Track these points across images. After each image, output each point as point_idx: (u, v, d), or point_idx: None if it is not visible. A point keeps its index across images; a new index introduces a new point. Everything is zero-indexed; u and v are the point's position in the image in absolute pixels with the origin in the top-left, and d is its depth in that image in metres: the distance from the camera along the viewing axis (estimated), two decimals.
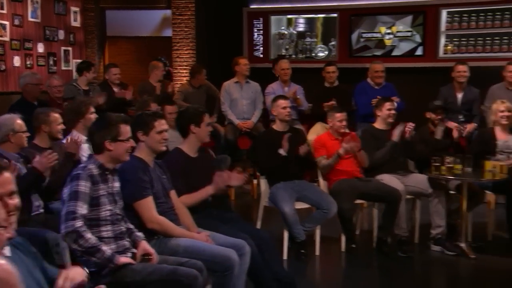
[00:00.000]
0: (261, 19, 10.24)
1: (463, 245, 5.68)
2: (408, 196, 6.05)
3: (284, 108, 5.84)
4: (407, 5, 9.65)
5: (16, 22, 9.11)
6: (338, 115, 6.02)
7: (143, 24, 11.11)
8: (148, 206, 3.72)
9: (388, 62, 9.17)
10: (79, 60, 10.19)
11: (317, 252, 5.73)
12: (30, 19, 9.44)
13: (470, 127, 7.21)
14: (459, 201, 5.88)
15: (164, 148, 4.03)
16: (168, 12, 10.65)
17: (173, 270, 3.33)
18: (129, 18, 11.09)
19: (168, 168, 4.13)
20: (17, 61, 9.14)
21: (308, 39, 10.25)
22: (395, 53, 9.70)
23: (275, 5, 10.30)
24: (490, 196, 6.59)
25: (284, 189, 5.64)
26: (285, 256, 5.60)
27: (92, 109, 5.52)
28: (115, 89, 7.81)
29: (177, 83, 9.84)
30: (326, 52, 10.13)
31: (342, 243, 5.84)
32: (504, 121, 6.26)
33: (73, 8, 10.44)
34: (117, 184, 3.60)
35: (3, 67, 8.86)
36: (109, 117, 3.61)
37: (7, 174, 2.05)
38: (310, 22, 10.30)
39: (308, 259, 5.67)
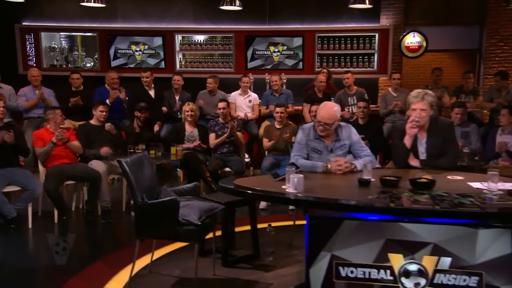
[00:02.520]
0: (32, 34, 9.59)
1: None
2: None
3: None
4: (151, 30, 9.63)
5: None
6: (57, 111, 5.85)
7: None
8: None
9: (136, 73, 9.20)
10: None
11: (30, 226, 5.42)
12: None
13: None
14: None
15: None
16: None
17: None
18: None
19: None
20: None
21: (75, 52, 9.83)
22: (144, 65, 9.59)
23: (45, 23, 9.72)
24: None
25: None
26: None
27: None
28: None
29: None
30: (92, 63, 9.79)
31: (55, 217, 5.61)
32: (189, 118, 6.51)
33: None
34: None
35: None
36: None
37: None
38: (76, 39, 9.89)
39: (22, 229, 5.35)
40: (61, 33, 9.78)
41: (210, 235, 3.89)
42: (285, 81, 8.41)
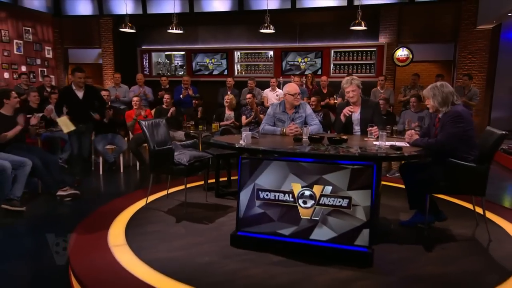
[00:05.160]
0: (147, 54, 10.29)
1: None
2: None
3: None
4: (219, 48, 9.85)
5: (6, 53, 9.05)
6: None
7: (89, 55, 10.96)
8: None
9: (208, 78, 9.54)
10: (52, 76, 10.19)
11: (121, 170, 5.91)
12: (16, 52, 9.35)
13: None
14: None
15: None
16: (100, 50, 10.62)
17: None
18: (80, 52, 10.92)
19: None
20: (6, 75, 9.06)
21: (173, 65, 10.39)
22: (214, 73, 9.97)
23: (154, 46, 10.35)
24: None
25: (100, 138, 5.83)
26: (101, 172, 5.75)
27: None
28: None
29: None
30: (183, 72, 10.24)
31: (137, 166, 6.06)
32: (227, 104, 6.61)
33: (47, 47, 10.27)
34: None
35: None
36: None
37: None
38: (171, 57, 10.40)
39: (116, 172, 5.81)
40: (170, 53, 10.30)
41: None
42: (304, 81, 8.35)
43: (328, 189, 2.79)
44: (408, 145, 3.22)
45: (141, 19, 9.81)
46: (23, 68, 9.51)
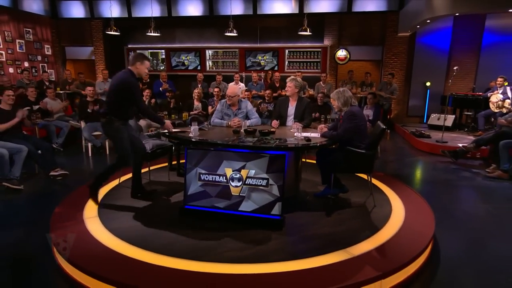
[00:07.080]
0: (132, 52, 10.00)
1: None
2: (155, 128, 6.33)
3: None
4: (193, 47, 9.68)
5: (9, 51, 8.70)
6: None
7: (83, 52, 10.57)
8: None
9: (185, 72, 9.42)
10: (52, 70, 9.88)
11: (107, 153, 5.86)
12: (18, 50, 8.99)
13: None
14: None
15: None
16: (92, 47, 10.29)
17: None
18: (76, 49, 10.53)
19: None
20: (11, 70, 8.73)
21: (155, 61, 10.20)
22: (189, 68, 9.87)
23: (139, 45, 10.07)
24: None
25: (88, 127, 5.76)
26: (90, 154, 5.74)
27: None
28: None
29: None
30: (163, 67, 10.05)
31: None
32: (196, 96, 6.56)
33: (46, 45, 9.90)
34: None
35: (2, 72, 8.45)
36: None
37: None
38: (158, 54, 10.18)
39: (102, 155, 5.73)
40: (151, 51, 10.03)
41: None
42: (263, 76, 8.44)
43: (252, 172, 2.99)
44: (318, 136, 3.44)
45: (127, 22, 9.54)
46: (26, 64, 9.20)
